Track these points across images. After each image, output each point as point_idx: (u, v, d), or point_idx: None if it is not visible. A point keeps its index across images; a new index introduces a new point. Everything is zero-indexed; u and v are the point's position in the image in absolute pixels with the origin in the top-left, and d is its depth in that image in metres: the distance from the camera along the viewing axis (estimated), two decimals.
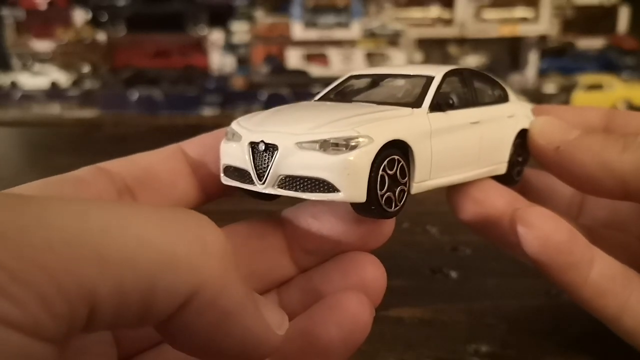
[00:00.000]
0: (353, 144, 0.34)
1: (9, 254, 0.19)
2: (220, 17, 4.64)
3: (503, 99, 0.49)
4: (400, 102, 0.40)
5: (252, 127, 0.37)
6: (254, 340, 0.26)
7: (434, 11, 4.61)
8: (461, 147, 0.41)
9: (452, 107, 0.41)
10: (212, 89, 4.21)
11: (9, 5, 4.66)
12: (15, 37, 4.75)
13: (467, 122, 0.42)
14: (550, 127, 0.45)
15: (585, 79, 3.94)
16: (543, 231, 0.38)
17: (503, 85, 0.50)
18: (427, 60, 4.68)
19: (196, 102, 4.02)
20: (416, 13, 4.63)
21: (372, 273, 0.35)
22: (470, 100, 0.44)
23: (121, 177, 0.36)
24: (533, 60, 4.56)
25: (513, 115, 0.48)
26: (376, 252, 0.37)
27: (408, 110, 0.39)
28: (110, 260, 0.21)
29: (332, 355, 0.32)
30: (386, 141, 0.35)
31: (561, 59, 4.53)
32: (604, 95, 3.81)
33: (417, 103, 0.40)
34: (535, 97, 4.19)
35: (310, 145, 0.34)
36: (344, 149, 0.34)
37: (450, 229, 0.73)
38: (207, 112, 3.96)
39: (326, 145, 0.34)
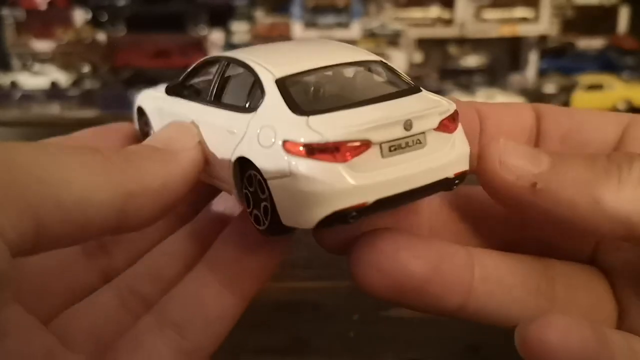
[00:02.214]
0: None
1: None
2: (220, 17, 4.65)
3: (249, 107, 0.35)
4: None
5: None
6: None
7: (434, 11, 4.62)
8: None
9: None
10: None
11: (9, 5, 4.66)
12: (15, 37, 4.75)
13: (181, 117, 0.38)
14: (515, 157, 0.34)
15: (585, 79, 3.94)
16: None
17: (263, 88, 0.34)
18: (427, 60, 4.68)
19: None
20: (416, 13, 4.63)
21: None
22: (209, 96, 0.38)
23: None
24: (533, 60, 4.57)
25: (235, 131, 0.34)
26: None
27: None
28: (49, 182, 0.27)
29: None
30: None
31: (561, 59, 4.53)
32: (604, 95, 3.81)
33: None
34: (536, 97, 4.19)
35: None
36: None
37: None
38: None
39: None
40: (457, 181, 0.34)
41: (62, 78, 4.57)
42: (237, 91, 0.36)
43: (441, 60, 4.70)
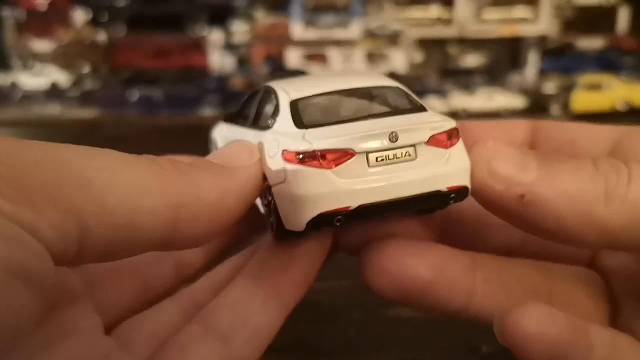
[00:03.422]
0: None
1: (9, 174, 0.23)
2: (220, 17, 4.64)
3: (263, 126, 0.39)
4: None
5: None
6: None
7: (434, 11, 4.62)
8: None
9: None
10: (212, 89, 4.21)
11: (9, 5, 4.66)
12: (15, 37, 4.74)
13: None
14: (504, 163, 0.34)
15: (585, 79, 3.94)
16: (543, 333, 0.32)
17: (279, 108, 0.38)
18: (427, 60, 4.68)
19: (196, 102, 4.02)
20: (416, 13, 4.63)
21: None
22: (250, 120, 0.43)
23: None
24: (533, 60, 4.56)
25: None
26: None
27: None
28: (93, 183, 0.25)
29: None
30: None
31: (561, 59, 4.53)
32: (603, 95, 3.81)
33: None
34: (535, 97, 4.19)
35: None
36: None
37: None
38: (207, 112, 3.96)
39: None
40: (452, 195, 0.34)
41: (62, 78, 4.56)
42: (267, 114, 0.40)
43: (441, 60, 4.70)
